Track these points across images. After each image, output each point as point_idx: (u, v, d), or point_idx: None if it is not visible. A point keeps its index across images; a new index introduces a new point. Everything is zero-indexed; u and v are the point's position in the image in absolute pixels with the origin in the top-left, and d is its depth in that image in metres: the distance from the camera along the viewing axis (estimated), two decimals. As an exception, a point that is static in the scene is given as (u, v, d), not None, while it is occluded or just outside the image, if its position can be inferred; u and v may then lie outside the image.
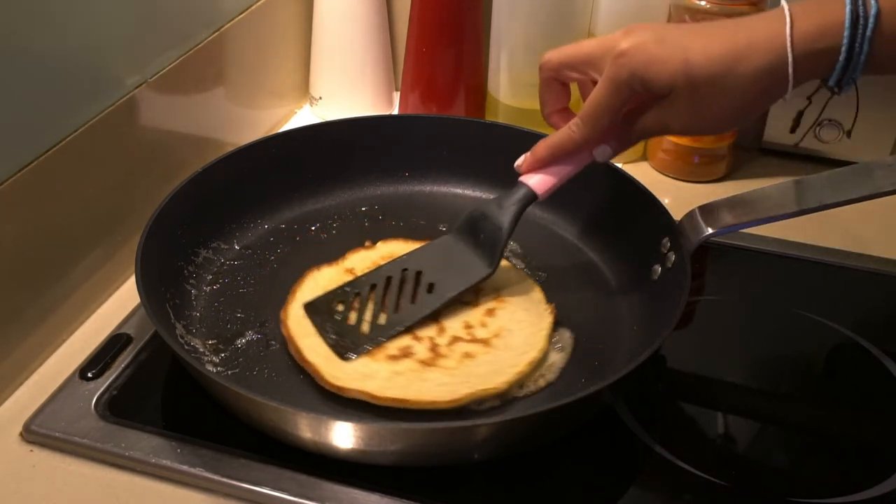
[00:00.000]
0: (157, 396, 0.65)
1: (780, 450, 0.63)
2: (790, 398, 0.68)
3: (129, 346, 0.67)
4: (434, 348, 0.65)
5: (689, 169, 0.91)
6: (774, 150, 0.94)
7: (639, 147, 0.93)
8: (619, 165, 0.74)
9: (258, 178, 0.78)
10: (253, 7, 0.88)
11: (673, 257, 0.67)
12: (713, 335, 0.73)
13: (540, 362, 0.64)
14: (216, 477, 0.57)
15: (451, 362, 0.63)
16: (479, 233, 0.68)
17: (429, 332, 0.66)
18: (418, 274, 0.69)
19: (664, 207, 0.70)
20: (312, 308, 0.67)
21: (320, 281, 0.71)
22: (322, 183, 0.82)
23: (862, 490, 0.59)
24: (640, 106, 0.61)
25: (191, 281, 0.71)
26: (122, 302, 0.73)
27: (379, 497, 0.56)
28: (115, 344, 0.67)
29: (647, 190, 0.72)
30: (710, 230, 0.66)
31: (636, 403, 0.64)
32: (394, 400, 0.60)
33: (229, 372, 0.64)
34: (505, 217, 0.66)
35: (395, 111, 1.00)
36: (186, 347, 0.65)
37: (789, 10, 0.55)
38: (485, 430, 0.56)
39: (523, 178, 0.66)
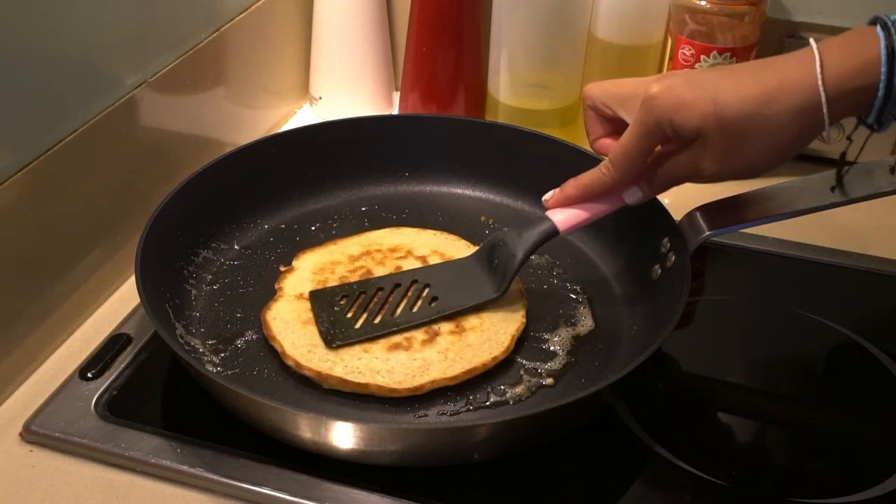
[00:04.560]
0: (156, 396, 0.65)
1: (780, 450, 0.63)
2: (790, 398, 0.68)
3: (129, 346, 0.67)
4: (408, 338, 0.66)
5: (689, 169, 0.91)
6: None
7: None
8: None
9: (258, 178, 0.78)
10: (253, 7, 0.89)
11: (673, 257, 0.67)
12: (713, 335, 0.73)
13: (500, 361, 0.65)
14: (216, 477, 0.57)
15: (415, 345, 0.65)
16: (494, 258, 0.68)
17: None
18: (426, 286, 0.69)
19: (664, 207, 0.70)
20: (316, 296, 0.68)
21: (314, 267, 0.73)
22: (322, 183, 0.82)
23: (862, 490, 0.59)
24: (671, 151, 0.60)
25: (191, 281, 0.71)
26: (122, 302, 0.73)
27: (379, 497, 0.56)
28: (114, 344, 0.67)
29: (647, 190, 0.72)
30: (710, 230, 0.66)
31: (636, 403, 0.64)
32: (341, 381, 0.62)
33: (229, 372, 0.64)
34: (521, 248, 0.66)
35: (395, 111, 1.00)
36: (186, 347, 0.65)
37: (818, 49, 0.54)
38: (485, 430, 0.56)
39: (549, 213, 0.66)
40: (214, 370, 0.64)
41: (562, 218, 0.66)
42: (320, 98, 0.99)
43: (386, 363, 0.63)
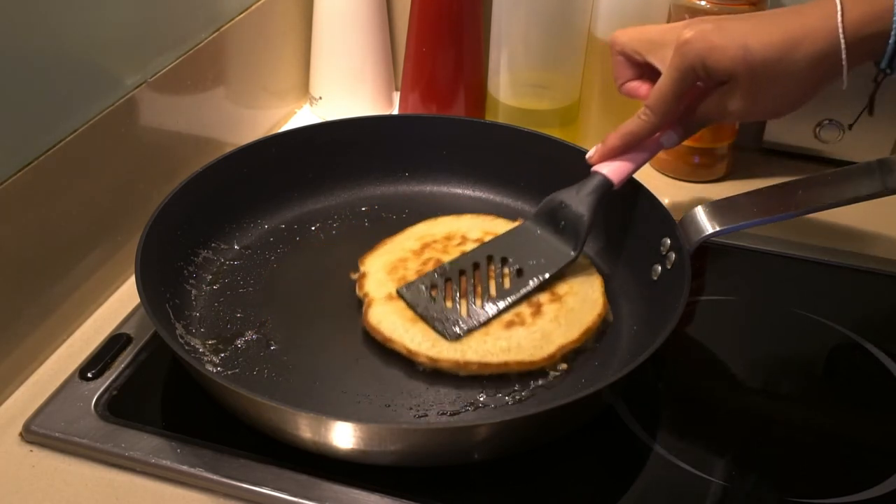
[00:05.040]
0: (156, 396, 0.65)
1: (780, 450, 0.63)
2: (790, 398, 0.68)
3: (129, 346, 0.67)
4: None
5: (689, 169, 0.91)
6: (774, 150, 0.94)
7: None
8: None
9: (258, 178, 0.78)
10: (253, 7, 0.88)
11: (673, 257, 0.67)
12: (713, 335, 0.72)
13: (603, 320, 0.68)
14: (216, 477, 0.57)
15: (527, 319, 0.67)
16: (559, 220, 0.70)
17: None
18: (504, 260, 0.70)
19: (664, 207, 0.70)
20: (406, 294, 0.68)
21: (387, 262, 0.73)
22: (322, 183, 0.82)
23: (862, 490, 0.59)
24: (702, 93, 0.65)
25: (191, 281, 0.71)
26: (122, 302, 0.73)
27: (379, 497, 0.56)
28: (114, 344, 0.67)
29: (647, 190, 0.72)
30: (710, 230, 0.66)
31: (636, 403, 0.64)
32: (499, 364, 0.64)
33: (229, 372, 0.64)
34: (584, 205, 0.68)
35: (395, 111, 1.00)
36: (186, 347, 0.65)
37: None
38: (485, 430, 0.56)
39: (597, 168, 0.68)
40: (214, 370, 0.64)
41: (611, 169, 0.68)
42: (320, 98, 0.99)
43: (511, 341, 0.65)
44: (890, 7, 0.57)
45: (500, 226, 0.76)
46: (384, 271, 0.71)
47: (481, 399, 0.63)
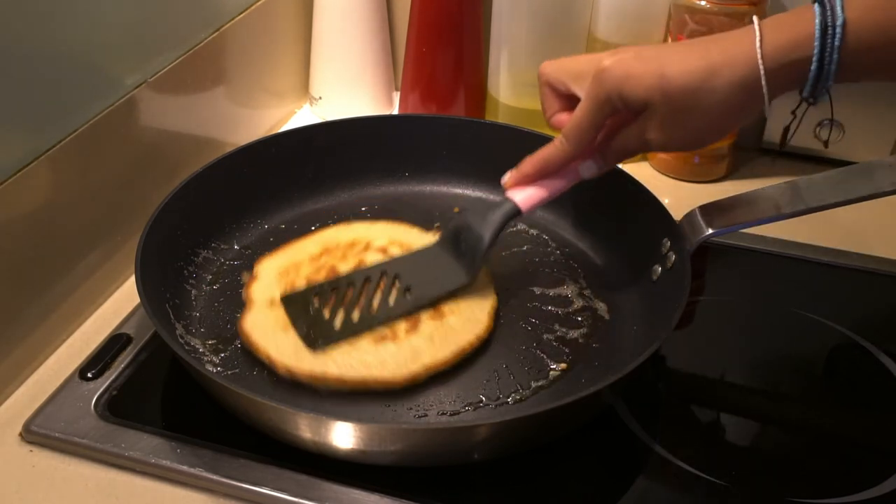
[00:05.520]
0: (156, 396, 0.65)
1: (780, 450, 0.63)
2: (790, 398, 0.68)
3: (129, 346, 0.67)
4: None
5: (689, 169, 0.91)
6: (774, 150, 0.94)
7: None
8: (620, 165, 0.74)
9: (258, 178, 0.78)
10: (253, 7, 0.89)
11: (673, 257, 0.67)
12: (713, 335, 0.72)
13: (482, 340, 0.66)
14: (216, 477, 0.57)
15: (400, 335, 0.65)
16: (460, 243, 0.69)
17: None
18: (396, 277, 0.69)
19: (664, 207, 0.70)
20: (289, 300, 0.67)
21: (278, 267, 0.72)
22: (322, 183, 0.82)
23: (862, 490, 0.59)
24: (621, 123, 0.63)
25: (191, 281, 0.71)
26: (122, 302, 0.73)
27: (379, 497, 0.56)
28: (114, 344, 0.67)
29: (647, 190, 0.72)
30: (710, 230, 0.66)
31: (636, 403, 0.64)
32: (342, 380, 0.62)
33: (229, 372, 0.64)
34: (487, 230, 0.67)
35: (395, 111, 1.00)
36: (186, 347, 0.65)
37: (759, 25, 0.56)
38: (485, 430, 0.56)
39: (509, 193, 0.67)
40: (214, 370, 0.64)
41: (522, 197, 0.66)
42: (320, 98, 0.99)
43: (377, 356, 0.63)
44: (811, 34, 0.54)
45: (412, 235, 0.75)
46: (274, 275, 0.70)
47: (481, 399, 0.63)
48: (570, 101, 0.65)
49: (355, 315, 0.66)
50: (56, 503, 0.57)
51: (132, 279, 0.65)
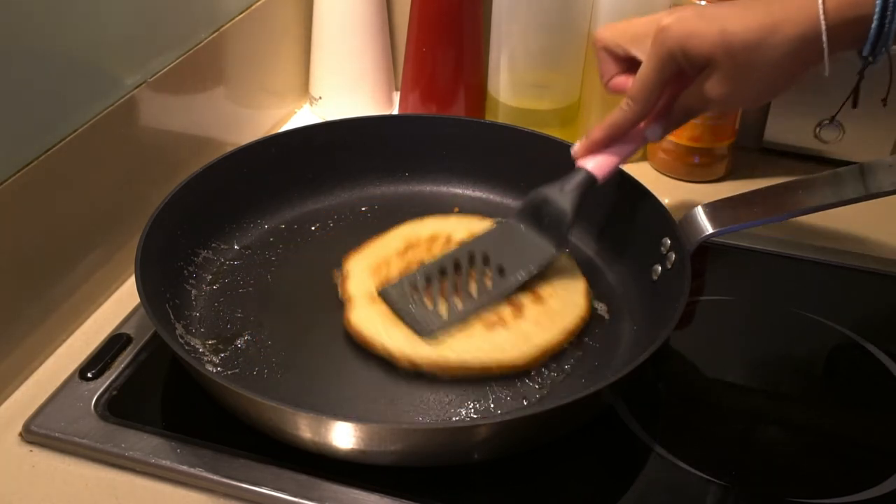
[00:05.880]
0: (156, 396, 0.65)
1: (780, 450, 0.63)
2: (790, 398, 0.68)
3: (129, 346, 0.67)
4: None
5: (689, 169, 0.91)
6: (774, 150, 0.94)
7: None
8: (619, 166, 0.74)
9: (258, 178, 0.78)
10: (253, 7, 0.88)
11: (673, 257, 0.67)
12: (713, 335, 0.73)
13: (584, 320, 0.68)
14: (216, 477, 0.57)
15: (508, 320, 0.66)
16: (542, 217, 0.69)
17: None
18: (486, 258, 0.69)
19: (664, 207, 0.70)
20: (387, 294, 0.68)
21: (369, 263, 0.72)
22: (322, 183, 0.82)
23: (862, 490, 0.59)
24: (684, 85, 0.64)
25: (191, 281, 0.71)
26: (122, 302, 0.73)
27: (379, 497, 0.56)
28: (114, 344, 0.67)
29: (647, 190, 0.72)
30: (710, 230, 0.66)
31: (636, 403, 0.64)
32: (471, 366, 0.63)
33: (229, 372, 0.64)
34: (567, 201, 0.67)
35: (395, 111, 1.00)
36: (186, 347, 0.65)
37: None
38: (485, 430, 0.56)
39: (581, 163, 0.68)
40: (214, 370, 0.64)
41: (595, 164, 0.67)
42: (320, 98, 0.99)
43: (492, 342, 0.64)
44: None
45: (487, 227, 0.75)
46: (367, 272, 0.71)
47: (482, 399, 0.63)
48: (627, 64, 0.66)
49: (457, 302, 0.67)
50: (56, 503, 0.57)
51: (132, 279, 0.65)
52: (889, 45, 0.56)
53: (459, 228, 0.75)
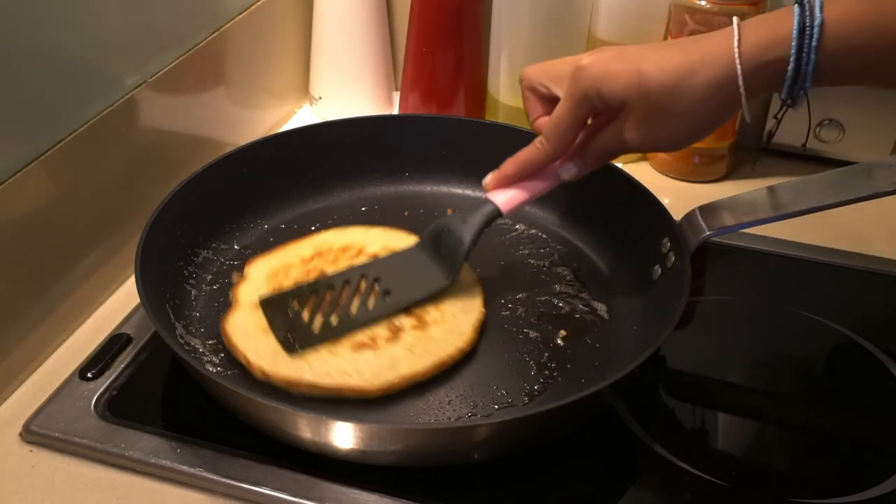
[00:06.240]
0: (156, 396, 0.65)
1: (780, 450, 0.63)
2: (790, 398, 0.68)
3: (129, 346, 0.67)
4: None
5: (689, 169, 0.91)
6: (775, 150, 0.94)
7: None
8: (620, 165, 0.74)
9: (258, 178, 0.78)
10: (253, 7, 0.89)
11: (673, 257, 0.67)
12: (713, 335, 0.73)
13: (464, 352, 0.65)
14: (216, 477, 0.57)
15: (380, 343, 0.64)
16: (440, 245, 0.68)
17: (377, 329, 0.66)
18: (376, 280, 0.68)
19: (664, 207, 0.70)
20: (268, 303, 0.67)
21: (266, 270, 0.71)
22: (322, 183, 0.82)
23: (862, 490, 0.59)
24: (601, 126, 0.62)
25: (191, 281, 0.71)
26: (122, 302, 0.73)
27: (379, 497, 0.56)
28: (114, 344, 0.67)
29: (647, 190, 0.72)
30: (709, 230, 0.66)
31: (636, 403, 0.64)
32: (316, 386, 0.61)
33: (229, 372, 0.64)
34: (467, 232, 0.67)
35: (395, 111, 1.00)
36: (186, 347, 0.65)
37: (738, 25, 0.56)
38: (485, 430, 0.56)
39: (490, 195, 0.67)
40: (214, 370, 0.64)
41: (503, 199, 0.66)
42: (320, 98, 0.99)
43: (354, 364, 0.62)
44: (788, 34, 0.54)
45: (408, 242, 0.73)
46: (264, 276, 0.70)
47: (482, 399, 0.63)
48: (552, 104, 0.64)
49: (333, 319, 0.65)
50: (56, 503, 0.57)
51: (132, 279, 0.65)
52: (807, 87, 0.55)
53: (375, 241, 0.74)
